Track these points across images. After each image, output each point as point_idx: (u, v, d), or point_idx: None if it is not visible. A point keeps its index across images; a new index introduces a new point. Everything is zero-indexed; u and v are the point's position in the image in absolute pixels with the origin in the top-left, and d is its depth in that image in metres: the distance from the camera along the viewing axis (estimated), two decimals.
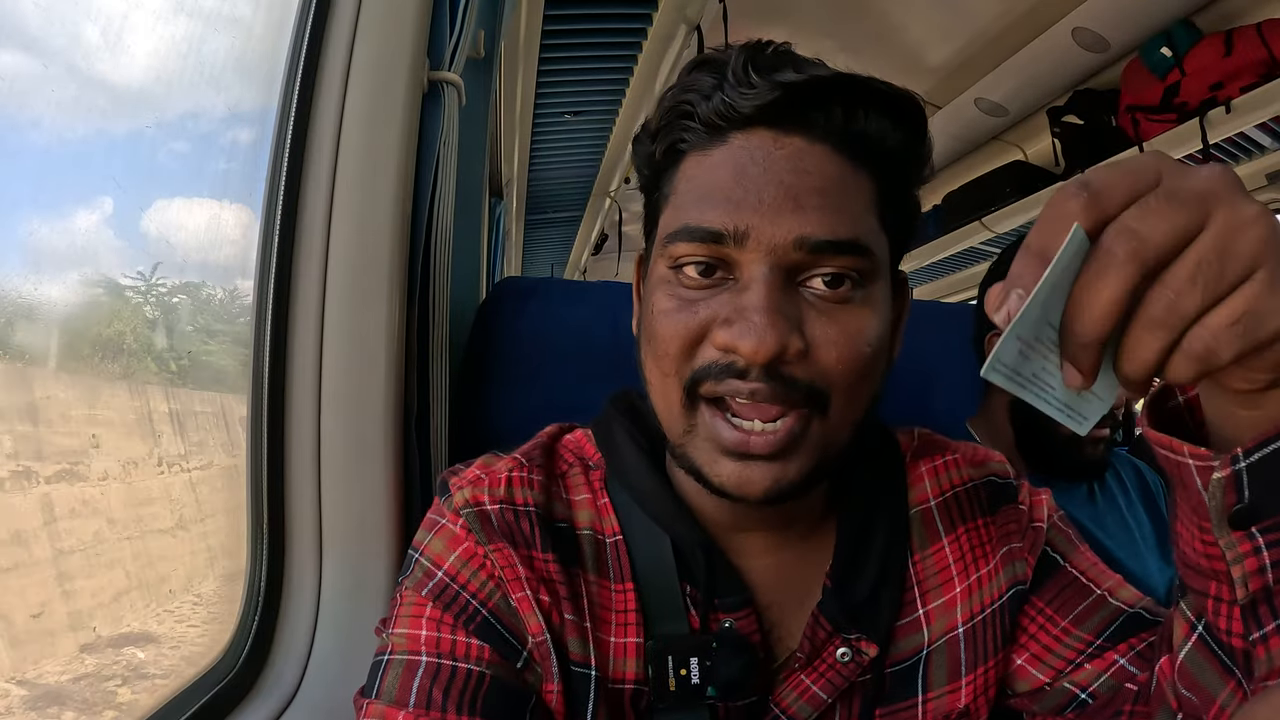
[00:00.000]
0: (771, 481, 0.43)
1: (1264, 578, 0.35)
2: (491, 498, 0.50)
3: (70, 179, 0.58)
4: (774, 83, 0.43)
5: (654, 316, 0.46)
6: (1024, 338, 0.31)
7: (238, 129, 0.77)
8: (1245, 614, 0.36)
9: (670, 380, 0.45)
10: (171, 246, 0.68)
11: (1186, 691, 0.41)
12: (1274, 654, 0.36)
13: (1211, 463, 0.34)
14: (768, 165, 0.43)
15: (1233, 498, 0.34)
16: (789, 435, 0.43)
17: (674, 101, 0.46)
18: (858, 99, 0.44)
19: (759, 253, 0.42)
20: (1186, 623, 0.41)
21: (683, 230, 0.44)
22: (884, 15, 2.12)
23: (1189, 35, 1.91)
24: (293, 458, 0.70)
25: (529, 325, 0.83)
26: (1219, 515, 0.34)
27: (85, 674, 0.60)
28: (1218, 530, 0.35)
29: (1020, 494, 0.56)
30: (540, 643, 0.47)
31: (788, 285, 0.43)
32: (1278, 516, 0.34)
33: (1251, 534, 0.34)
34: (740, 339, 0.41)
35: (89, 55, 0.58)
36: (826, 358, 0.43)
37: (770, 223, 0.42)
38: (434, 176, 0.76)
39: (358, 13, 0.70)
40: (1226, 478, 0.33)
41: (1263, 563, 0.34)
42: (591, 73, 2.36)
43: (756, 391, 0.42)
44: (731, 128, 0.44)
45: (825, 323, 0.43)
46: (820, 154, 0.44)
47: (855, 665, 0.50)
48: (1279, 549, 0.34)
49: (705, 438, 0.45)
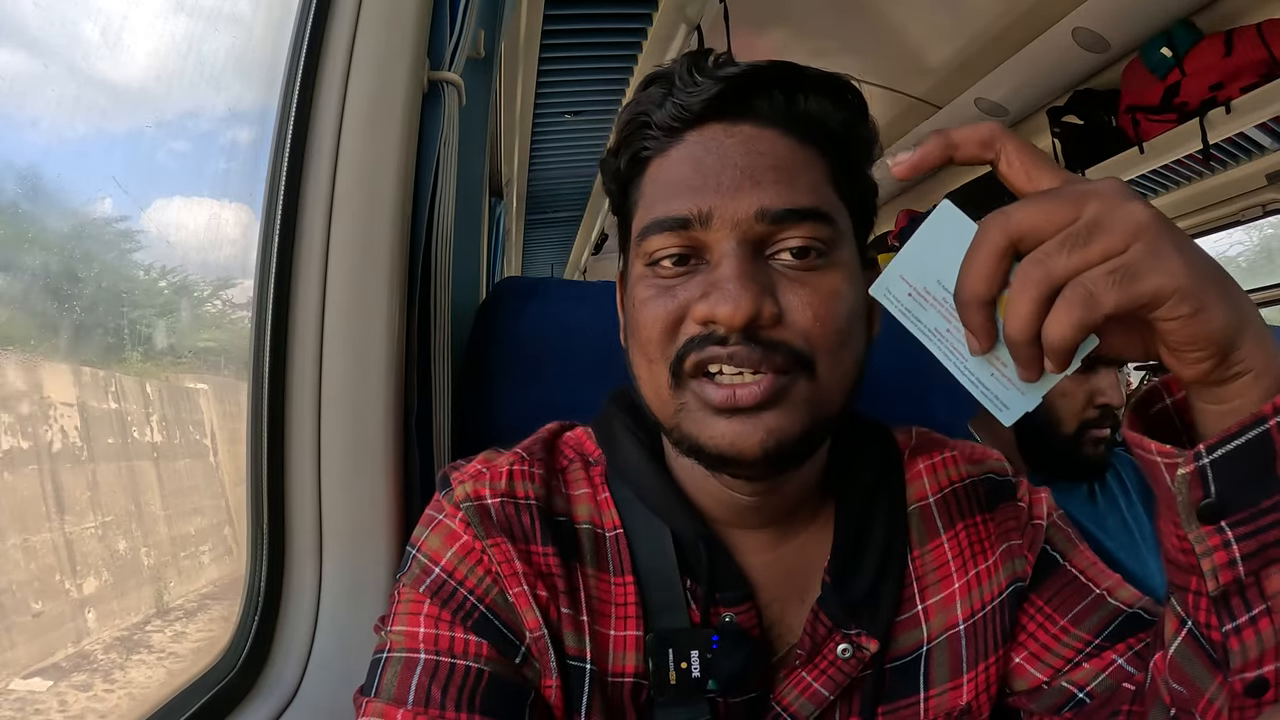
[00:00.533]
0: (765, 433, 0.44)
1: (1234, 570, 0.36)
2: (492, 491, 0.50)
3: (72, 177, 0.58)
4: (717, 78, 0.46)
5: (635, 309, 0.48)
6: (909, 279, 0.38)
7: (237, 128, 0.77)
8: (1217, 606, 0.37)
9: (656, 365, 0.46)
10: (171, 245, 0.68)
11: (1177, 685, 0.42)
12: (1248, 645, 0.37)
13: (1176, 459, 0.35)
14: (722, 153, 0.46)
15: (1199, 493, 0.35)
16: (775, 385, 0.44)
17: (630, 115, 0.50)
18: (795, 84, 0.47)
19: (725, 230, 0.45)
20: (1176, 618, 0.41)
21: (652, 224, 0.46)
22: (884, 15, 2.12)
23: (1189, 35, 1.91)
24: (293, 457, 0.70)
25: (529, 325, 0.83)
26: (1187, 510, 0.36)
27: None
28: (1186, 525, 0.36)
29: (1019, 492, 0.56)
30: (538, 638, 0.47)
31: (757, 257, 0.45)
32: (1247, 510, 0.35)
33: (1221, 528, 0.35)
34: (717, 306, 0.43)
35: (88, 54, 0.58)
36: (803, 319, 0.44)
37: (731, 200, 0.45)
38: (434, 176, 0.76)
39: (358, 12, 0.70)
40: (1191, 473, 0.35)
41: (1232, 556, 0.35)
42: (591, 73, 2.36)
43: (735, 355, 0.43)
44: (685, 127, 0.48)
45: (797, 288, 0.45)
46: (770, 136, 0.47)
47: (856, 661, 0.50)
48: (1250, 541, 0.35)
49: (695, 406, 0.45)
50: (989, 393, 0.38)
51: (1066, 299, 0.32)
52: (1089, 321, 0.32)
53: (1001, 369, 0.37)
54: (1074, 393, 0.93)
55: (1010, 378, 0.37)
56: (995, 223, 0.34)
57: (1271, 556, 0.35)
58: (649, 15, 2.03)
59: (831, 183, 0.48)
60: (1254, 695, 0.38)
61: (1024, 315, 0.33)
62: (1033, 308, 0.33)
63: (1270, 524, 0.35)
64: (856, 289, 0.47)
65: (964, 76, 2.32)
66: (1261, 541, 0.35)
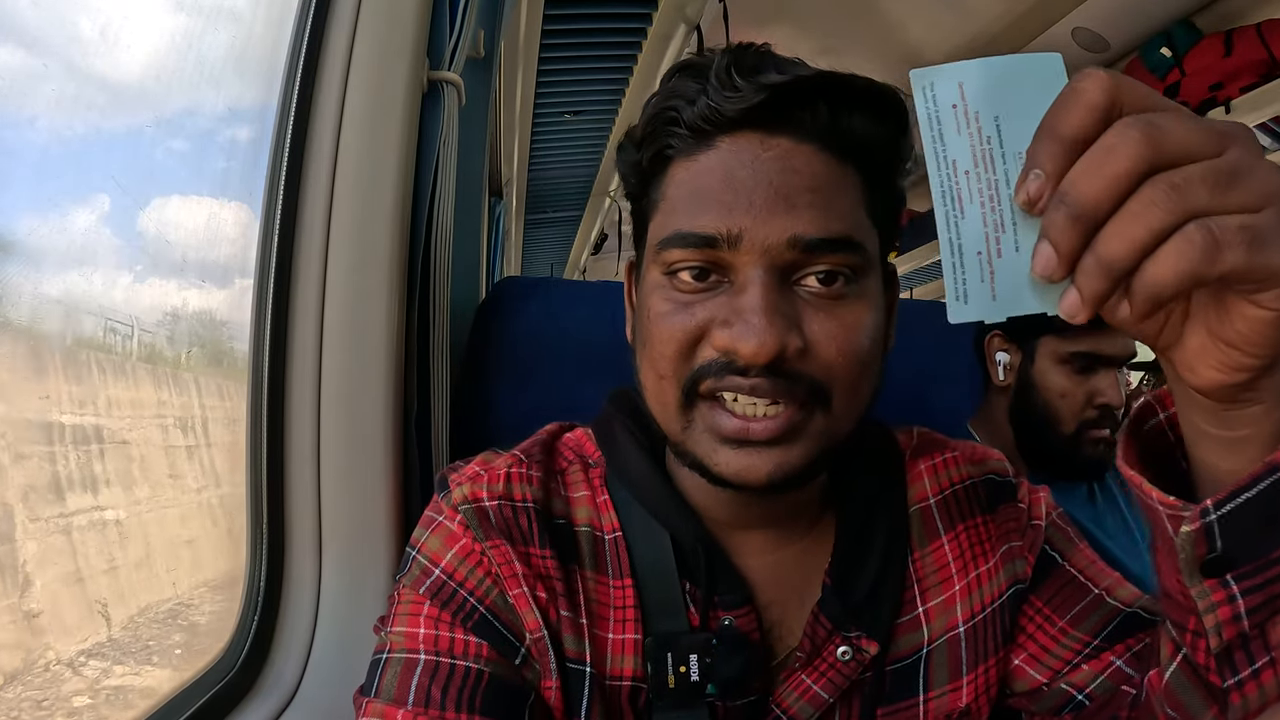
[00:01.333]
0: (774, 466, 0.43)
1: (1239, 625, 0.34)
2: (490, 494, 0.49)
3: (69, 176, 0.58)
4: (759, 85, 0.43)
5: (650, 320, 0.46)
6: (966, 92, 0.30)
7: (237, 127, 0.77)
8: (1220, 661, 0.36)
9: (667, 381, 0.45)
10: (170, 244, 0.67)
11: (1172, 711, 0.41)
12: (1249, 699, 0.35)
13: (1182, 513, 0.32)
14: (756, 167, 0.43)
15: (1203, 549, 0.33)
16: (789, 422, 0.43)
17: (659, 108, 0.46)
18: (842, 97, 0.44)
19: (753, 254, 0.42)
20: (1172, 643, 0.40)
21: (675, 236, 0.44)
22: (884, 15, 2.12)
23: (1189, 35, 1.91)
24: (292, 457, 0.70)
25: (529, 325, 0.83)
26: (1190, 566, 0.33)
27: None
28: (1189, 580, 0.34)
29: (1019, 492, 0.56)
30: (538, 639, 0.47)
31: (783, 285, 0.43)
32: (1255, 562, 0.32)
33: (1225, 581, 0.33)
34: (740, 340, 0.41)
35: (86, 52, 0.58)
36: (826, 353, 0.43)
37: (763, 224, 0.42)
38: (434, 176, 0.76)
39: (358, 12, 0.70)
40: (1196, 531, 0.32)
41: (1237, 611, 0.33)
42: (591, 73, 2.36)
43: (757, 386, 0.42)
44: (718, 131, 0.44)
45: (823, 319, 0.43)
46: (807, 153, 0.44)
47: (856, 664, 0.50)
48: (1257, 595, 0.33)
49: (704, 429, 0.45)
50: (960, 270, 0.31)
51: (1189, 238, 0.26)
52: (1202, 274, 0.27)
53: (994, 256, 0.31)
54: (1074, 393, 0.93)
55: (996, 272, 0.31)
56: (1138, 118, 0.27)
57: (1278, 607, 0.33)
58: (649, 15, 2.03)
59: (865, 204, 0.45)
60: None
61: (1137, 239, 0.27)
62: (1151, 235, 0.27)
63: (1279, 575, 0.32)
64: (879, 312, 0.46)
65: None
66: (1269, 594, 0.33)
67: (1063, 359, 0.93)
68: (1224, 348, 0.30)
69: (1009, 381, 0.97)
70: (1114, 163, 0.27)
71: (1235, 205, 0.27)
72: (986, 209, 0.31)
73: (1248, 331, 0.29)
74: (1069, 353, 0.92)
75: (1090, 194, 0.27)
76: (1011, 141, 0.31)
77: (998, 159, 0.31)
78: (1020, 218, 0.30)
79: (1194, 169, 0.27)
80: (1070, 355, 0.92)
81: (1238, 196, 0.27)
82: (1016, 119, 0.30)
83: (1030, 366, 0.95)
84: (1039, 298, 0.30)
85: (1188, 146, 0.27)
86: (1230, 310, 0.29)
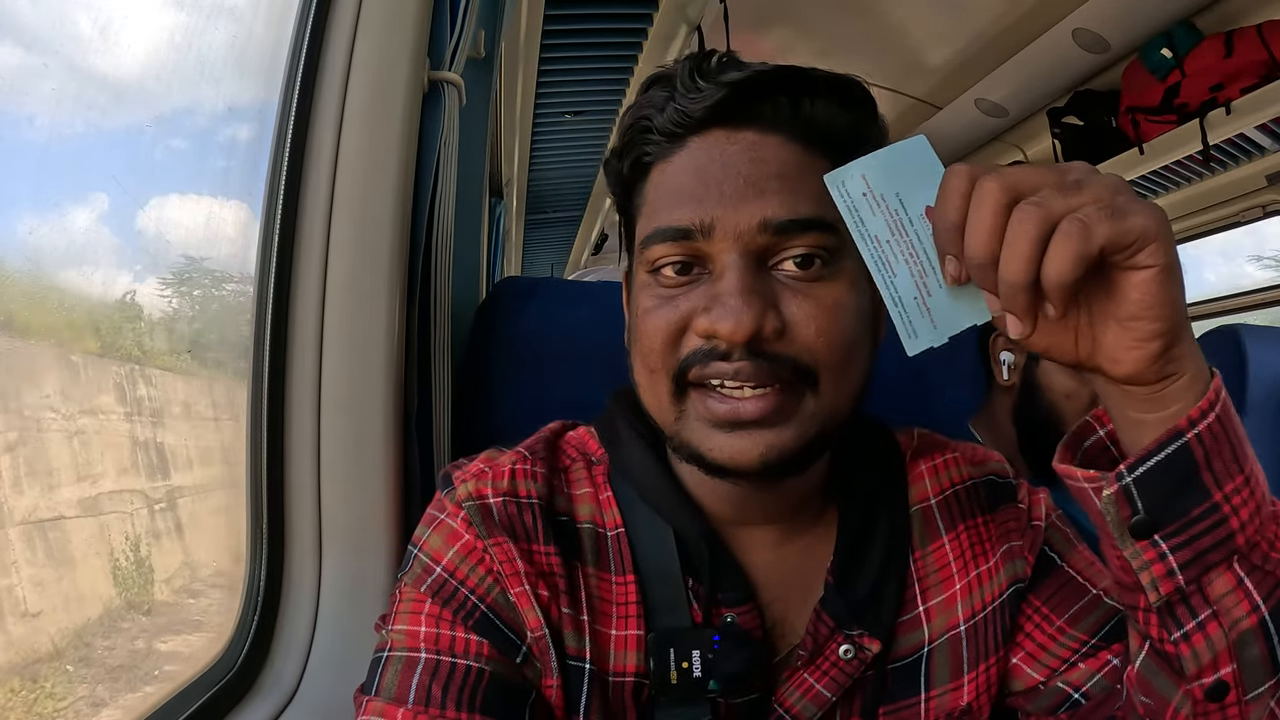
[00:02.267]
0: (765, 447, 0.44)
1: (1174, 580, 0.37)
2: (494, 490, 0.50)
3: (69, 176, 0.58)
4: (720, 84, 0.45)
5: (638, 317, 0.47)
6: (870, 181, 0.39)
7: (237, 127, 0.77)
8: (1162, 617, 0.38)
9: (658, 375, 0.46)
10: (170, 244, 0.67)
11: (1145, 698, 0.43)
12: (1199, 651, 0.38)
13: (1100, 481, 0.37)
14: (725, 160, 0.45)
15: (1126, 511, 0.36)
16: (777, 402, 0.44)
17: (633, 119, 0.49)
18: (801, 88, 0.46)
19: (727, 241, 0.44)
20: (1138, 634, 0.42)
21: (655, 233, 0.46)
22: (884, 15, 2.12)
23: (1189, 36, 1.91)
24: (292, 457, 0.70)
25: (529, 325, 0.83)
26: (1119, 529, 0.37)
27: None
28: (1121, 543, 0.37)
29: (1019, 493, 0.56)
30: (539, 638, 0.47)
31: (759, 269, 0.45)
32: (1178, 521, 0.36)
33: (1154, 541, 0.37)
34: (718, 321, 0.43)
35: (86, 51, 0.58)
36: (806, 334, 0.44)
37: (734, 211, 0.44)
38: (434, 176, 0.76)
39: (358, 12, 0.70)
40: (1115, 493, 0.36)
41: (1169, 566, 0.36)
42: (591, 73, 2.36)
43: (740, 370, 0.43)
44: (688, 133, 0.47)
45: (800, 300, 0.44)
46: (774, 143, 0.46)
47: (858, 662, 0.50)
48: (1185, 550, 0.36)
49: (696, 418, 0.46)
50: (905, 315, 0.38)
51: (1064, 232, 0.33)
52: (1086, 253, 0.32)
53: (926, 297, 0.38)
54: (1079, 394, 0.93)
55: (931, 308, 0.38)
56: (990, 173, 0.35)
57: (1210, 562, 0.36)
58: (649, 15, 2.03)
59: None
60: (1215, 699, 0.38)
61: (1024, 254, 0.33)
62: (1032, 247, 0.33)
63: (1203, 531, 0.36)
64: (861, 296, 0.47)
65: (964, 77, 2.32)
66: (1196, 549, 0.36)
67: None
68: (1131, 324, 0.35)
69: (1013, 381, 0.97)
70: (984, 209, 0.34)
71: (1089, 200, 0.34)
72: (910, 263, 0.38)
73: (1141, 297, 0.34)
74: None
75: (981, 244, 0.34)
76: (913, 207, 0.38)
77: (906, 224, 0.39)
78: (936, 261, 0.38)
79: (1045, 189, 0.34)
80: None
81: (1088, 194, 0.34)
82: (911, 190, 0.38)
83: (1034, 366, 0.95)
84: (967, 314, 0.38)
85: (1034, 178, 0.34)
86: (1121, 288, 0.35)
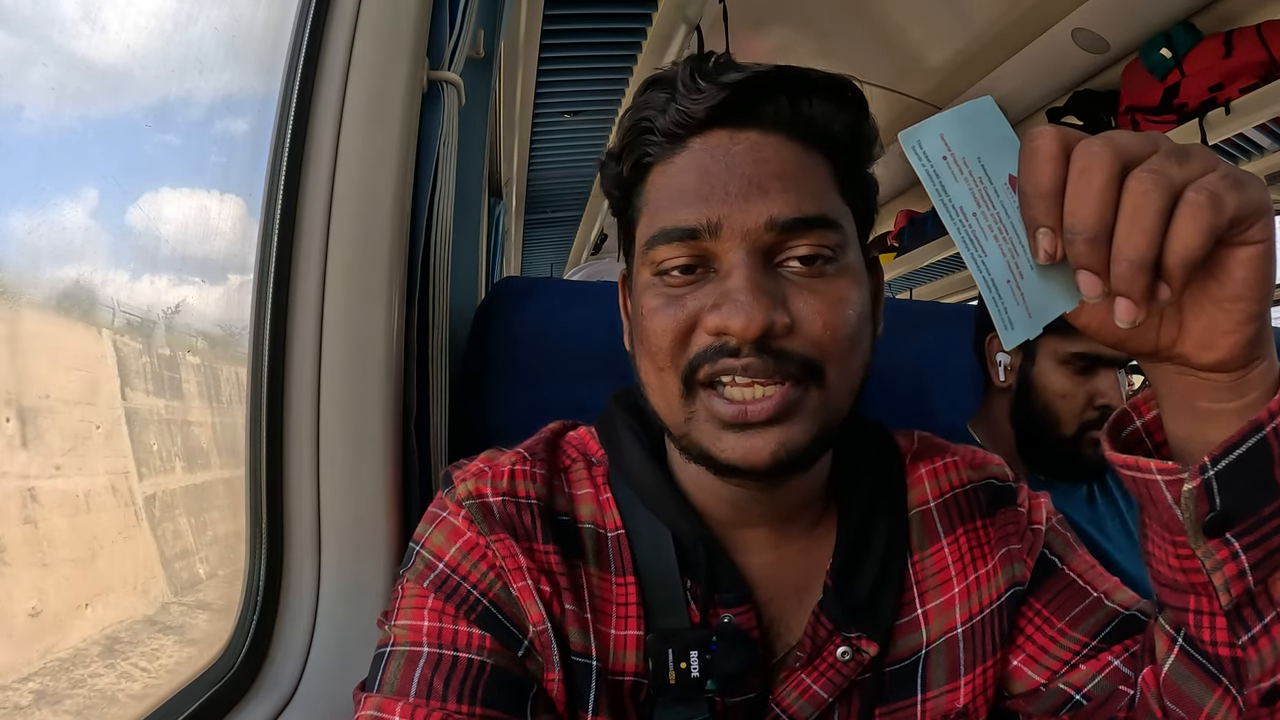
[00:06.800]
0: (776, 445, 0.44)
1: (1244, 581, 0.36)
2: (494, 490, 0.50)
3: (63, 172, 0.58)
4: (721, 84, 0.45)
5: (644, 317, 0.47)
6: (949, 141, 0.34)
7: (236, 127, 0.77)
8: (1231, 620, 0.37)
9: (666, 374, 0.46)
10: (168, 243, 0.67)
11: (1171, 704, 0.42)
12: (1264, 654, 0.37)
13: (1180, 475, 0.35)
14: (729, 160, 0.45)
15: (1205, 507, 0.35)
16: (785, 400, 0.44)
17: (633, 121, 0.49)
18: (800, 88, 0.47)
19: (734, 240, 0.44)
20: (1167, 636, 0.41)
21: (660, 234, 0.46)
22: (884, 15, 2.12)
23: (1189, 36, 1.91)
24: (292, 456, 0.70)
25: (528, 325, 0.83)
26: (1193, 526, 0.35)
27: None
28: (1194, 541, 0.36)
29: (1019, 497, 0.56)
30: (541, 632, 0.47)
31: (766, 266, 0.45)
32: (1250, 519, 0.35)
33: (1227, 540, 0.35)
34: (729, 318, 0.43)
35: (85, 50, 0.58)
36: (813, 328, 0.44)
37: (740, 210, 0.44)
38: (433, 176, 0.76)
39: (358, 12, 0.70)
40: (1197, 488, 0.35)
41: (1241, 567, 0.36)
42: (591, 73, 2.36)
43: (749, 366, 0.43)
44: (689, 134, 0.47)
45: (807, 296, 0.45)
46: (775, 143, 0.46)
47: (855, 664, 0.50)
48: (1256, 550, 0.35)
49: (705, 419, 0.46)
50: (1000, 301, 0.34)
51: (1191, 203, 0.30)
52: (1218, 225, 0.30)
53: (1019, 280, 0.34)
54: (1074, 394, 0.93)
55: (1026, 293, 0.34)
56: (1092, 137, 0.32)
57: (1277, 562, 0.36)
58: (649, 15, 2.03)
59: (837, 187, 0.48)
60: (1269, 704, 0.38)
61: (1151, 226, 0.30)
62: (1159, 219, 0.30)
63: (1273, 530, 0.35)
64: (862, 292, 0.47)
65: (964, 76, 2.32)
66: (1267, 549, 0.35)
67: (1063, 360, 0.92)
68: (1230, 305, 0.33)
69: (1009, 382, 0.97)
70: (1094, 179, 0.31)
71: (1199, 171, 0.31)
72: (1000, 240, 0.34)
73: (1246, 274, 0.32)
74: (1070, 353, 0.92)
75: (1091, 215, 0.31)
76: (996, 175, 0.34)
77: (992, 193, 0.34)
78: (1025, 237, 0.34)
79: (1156, 157, 0.32)
80: (1071, 356, 0.92)
81: (1196, 165, 0.32)
82: (991, 154, 0.34)
83: (1031, 367, 0.95)
84: (1060, 299, 0.34)
85: (1142, 144, 0.32)
86: (1226, 265, 0.33)
